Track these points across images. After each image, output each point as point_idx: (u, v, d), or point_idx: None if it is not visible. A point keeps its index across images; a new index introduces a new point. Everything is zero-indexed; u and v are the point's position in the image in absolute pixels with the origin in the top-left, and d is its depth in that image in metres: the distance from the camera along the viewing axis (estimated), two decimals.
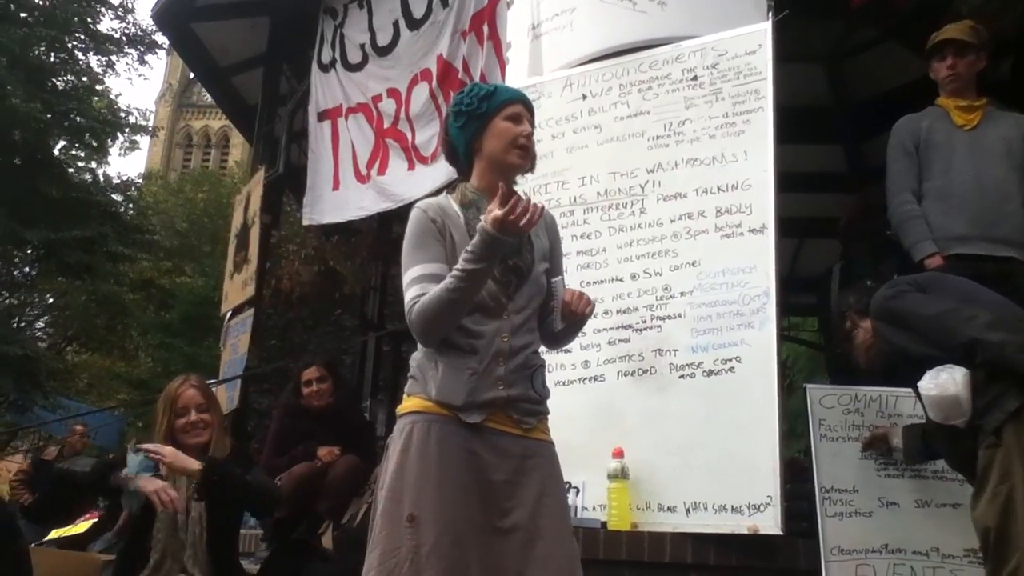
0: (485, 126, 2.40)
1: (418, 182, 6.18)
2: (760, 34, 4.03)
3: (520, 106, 2.43)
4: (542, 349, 2.50)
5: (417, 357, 2.40)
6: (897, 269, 3.78)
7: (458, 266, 2.20)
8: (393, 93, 6.54)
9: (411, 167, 6.30)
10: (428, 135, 6.18)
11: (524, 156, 2.41)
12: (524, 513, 2.23)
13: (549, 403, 2.45)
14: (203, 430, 3.40)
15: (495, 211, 2.14)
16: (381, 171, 6.56)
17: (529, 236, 2.42)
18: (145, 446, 3.25)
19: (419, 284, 2.29)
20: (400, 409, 2.37)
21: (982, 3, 4.19)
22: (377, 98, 6.68)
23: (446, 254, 2.33)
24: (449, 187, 2.56)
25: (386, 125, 6.55)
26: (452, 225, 2.36)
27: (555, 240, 2.56)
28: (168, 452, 3.19)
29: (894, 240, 3.88)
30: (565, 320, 2.40)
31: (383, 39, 6.67)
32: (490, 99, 2.41)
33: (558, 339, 2.55)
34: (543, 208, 2.28)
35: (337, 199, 6.94)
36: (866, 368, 3.27)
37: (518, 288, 2.35)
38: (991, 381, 2.60)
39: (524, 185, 4.30)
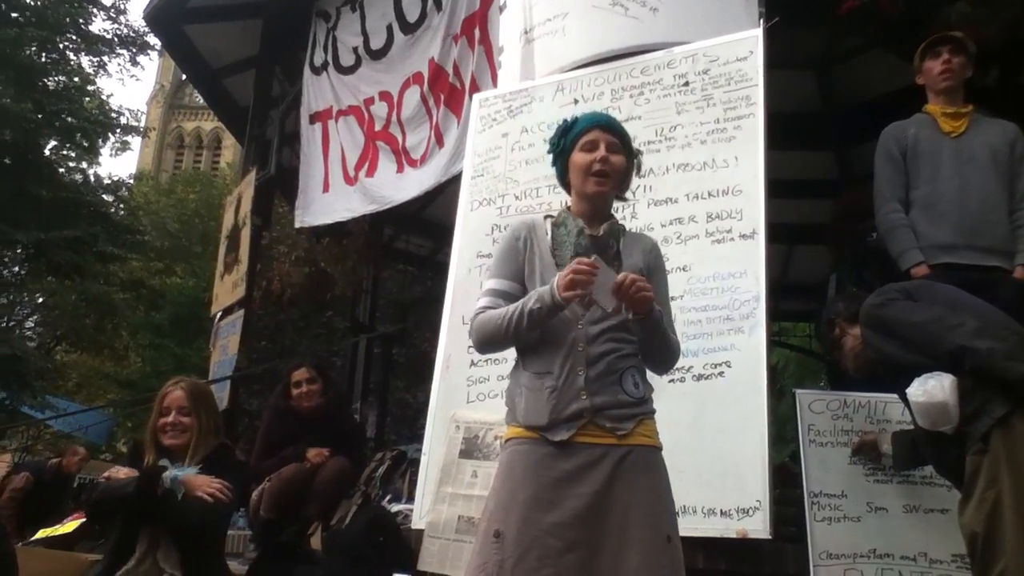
0: (567, 161, 2.51)
1: (407, 185, 6.21)
2: (751, 41, 4.05)
3: (596, 131, 2.49)
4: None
5: (508, 386, 2.47)
6: (881, 275, 3.78)
7: (522, 301, 2.33)
8: (385, 96, 6.56)
9: (400, 169, 6.31)
10: (419, 138, 6.19)
11: (601, 183, 2.45)
12: (614, 523, 2.23)
13: None
14: (181, 432, 3.41)
15: (561, 277, 2.23)
16: (370, 173, 6.58)
17: (618, 251, 2.47)
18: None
19: (488, 297, 2.46)
20: (504, 438, 2.46)
21: (970, 10, 4.20)
22: (369, 101, 6.70)
23: (523, 270, 2.47)
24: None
25: (377, 128, 6.57)
26: (538, 243, 2.48)
27: (655, 264, 2.54)
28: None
29: (874, 246, 3.89)
30: (618, 301, 2.28)
31: (376, 42, 6.68)
32: (567, 134, 2.52)
33: (645, 351, 2.46)
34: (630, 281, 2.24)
35: (326, 201, 6.97)
36: (855, 375, 3.29)
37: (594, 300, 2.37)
38: (978, 388, 2.61)
39: (515, 189, 4.35)
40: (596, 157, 2.43)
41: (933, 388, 2.66)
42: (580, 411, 2.29)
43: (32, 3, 16.72)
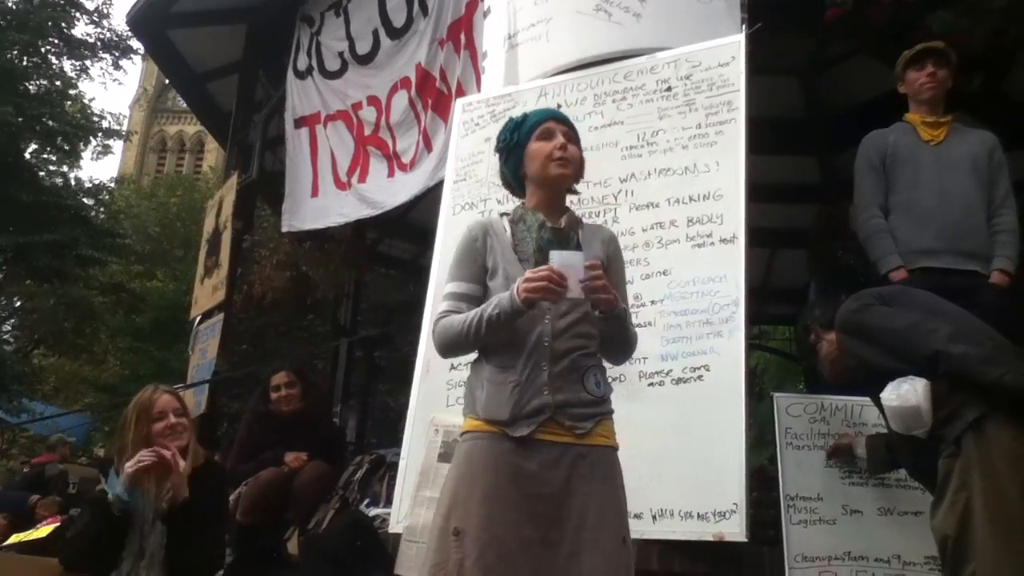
0: (523, 153, 2.52)
1: (399, 189, 6.21)
2: (733, 46, 4.07)
3: (551, 122, 2.52)
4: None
5: (468, 377, 2.47)
6: (850, 288, 3.81)
7: (481, 307, 2.32)
8: (373, 101, 6.55)
9: (391, 174, 6.31)
10: (408, 143, 6.20)
11: (563, 165, 2.47)
12: (570, 525, 2.22)
13: None
14: (182, 433, 3.36)
15: (526, 281, 2.21)
16: (362, 178, 6.57)
17: (578, 242, 2.48)
18: (142, 454, 3.24)
19: (449, 301, 2.45)
20: (460, 430, 2.43)
21: (952, 19, 4.24)
22: (357, 105, 6.70)
23: (483, 272, 2.46)
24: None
25: (367, 132, 6.57)
26: (497, 241, 2.48)
27: (614, 256, 2.56)
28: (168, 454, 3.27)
29: (844, 263, 3.92)
30: (587, 296, 2.27)
31: (363, 47, 6.68)
32: (520, 128, 2.53)
33: (607, 344, 2.48)
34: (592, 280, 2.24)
35: (316, 206, 6.95)
36: (831, 380, 3.31)
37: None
38: (952, 392, 2.64)
39: (498, 192, 4.35)
40: (556, 144, 2.47)
41: (907, 392, 2.68)
42: (542, 407, 2.28)
43: (14, 7, 16.63)
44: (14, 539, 6.18)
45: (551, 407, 2.28)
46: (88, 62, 18.37)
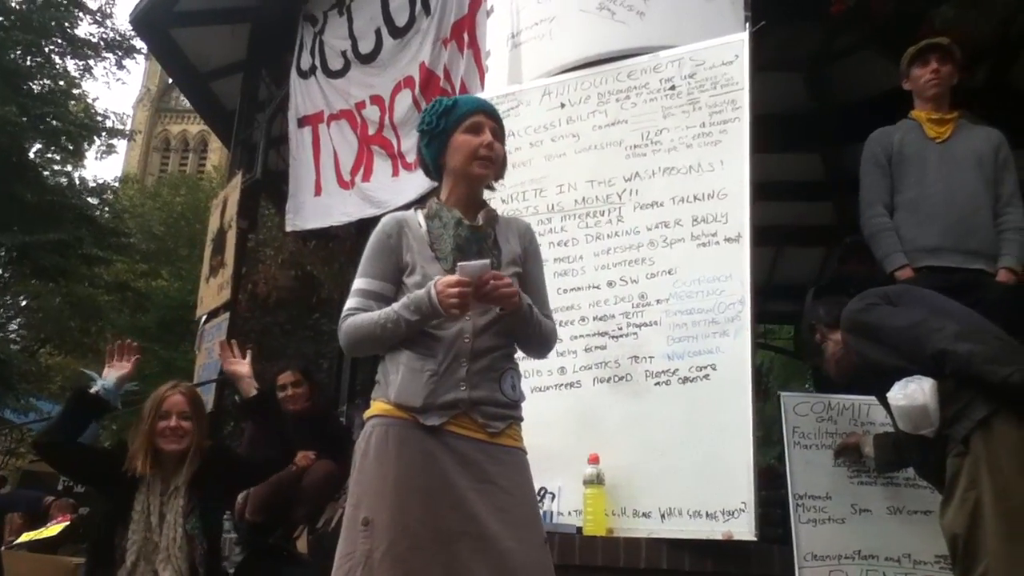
0: (447, 142, 2.42)
1: (402, 188, 6.20)
2: (737, 44, 4.06)
3: (480, 115, 2.43)
4: (521, 356, 2.48)
5: (383, 362, 2.39)
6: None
7: (397, 309, 2.26)
8: (376, 100, 6.55)
9: (395, 173, 6.31)
10: (412, 142, 6.18)
11: (486, 165, 2.40)
12: (489, 523, 2.16)
13: (526, 409, 2.41)
14: (181, 437, 3.36)
15: (447, 290, 2.17)
16: (366, 177, 6.56)
17: (496, 239, 2.44)
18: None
19: (357, 298, 2.38)
20: (365, 414, 2.37)
21: (955, 14, 4.24)
22: (360, 105, 6.69)
23: (394, 269, 2.39)
24: (420, 201, 2.58)
25: (371, 132, 6.57)
26: (413, 237, 2.40)
27: (530, 248, 2.53)
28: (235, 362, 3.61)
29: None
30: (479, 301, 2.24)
31: (365, 47, 6.68)
32: (448, 115, 2.42)
33: (519, 340, 2.44)
34: (502, 289, 2.22)
35: (319, 205, 6.95)
36: (836, 380, 3.31)
37: None
38: (959, 391, 2.63)
39: (502, 191, 4.35)
40: (483, 141, 2.38)
41: (914, 392, 2.68)
42: (456, 401, 2.24)
43: (17, 7, 16.64)
44: (25, 538, 6.22)
45: (466, 402, 2.25)
46: (91, 62, 18.40)
